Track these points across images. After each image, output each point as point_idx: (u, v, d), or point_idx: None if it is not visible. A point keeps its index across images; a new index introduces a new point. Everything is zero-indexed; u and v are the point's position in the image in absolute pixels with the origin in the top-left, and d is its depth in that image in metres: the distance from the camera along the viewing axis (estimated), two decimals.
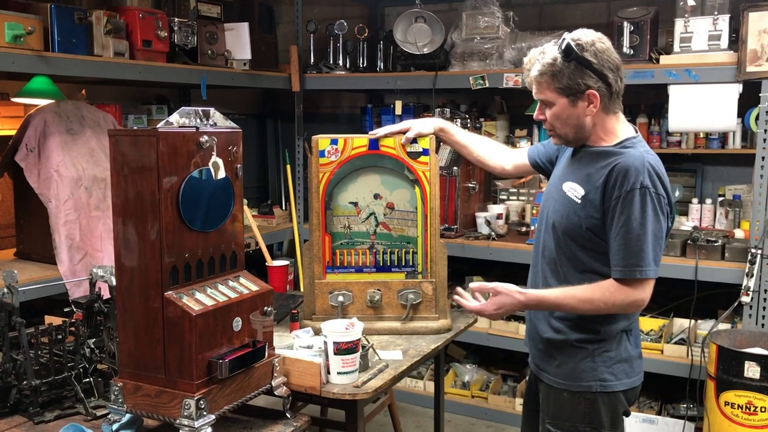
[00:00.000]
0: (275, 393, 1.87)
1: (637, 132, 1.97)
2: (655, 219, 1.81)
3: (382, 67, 4.39)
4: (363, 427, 2.12)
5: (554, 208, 1.99)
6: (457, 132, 2.48)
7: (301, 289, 2.59)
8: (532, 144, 3.89)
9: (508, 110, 4.29)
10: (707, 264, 3.24)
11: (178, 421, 1.62)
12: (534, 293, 1.96)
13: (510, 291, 1.95)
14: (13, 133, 2.97)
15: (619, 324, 1.94)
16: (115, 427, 1.73)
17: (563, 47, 1.84)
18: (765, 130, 3.09)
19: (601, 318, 1.92)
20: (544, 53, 1.89)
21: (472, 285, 2.06)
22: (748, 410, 2.77)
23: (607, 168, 1.86)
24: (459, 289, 2.10)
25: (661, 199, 1.83)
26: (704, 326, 3.45)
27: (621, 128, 1.95)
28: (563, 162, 2.08)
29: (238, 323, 1.73)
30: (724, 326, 3.28)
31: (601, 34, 1.91)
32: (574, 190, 1.93)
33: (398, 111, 4.28)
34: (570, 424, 1.97)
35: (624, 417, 2.00)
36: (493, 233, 3.77)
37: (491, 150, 2.47)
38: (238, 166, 1.80)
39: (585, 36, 1.86)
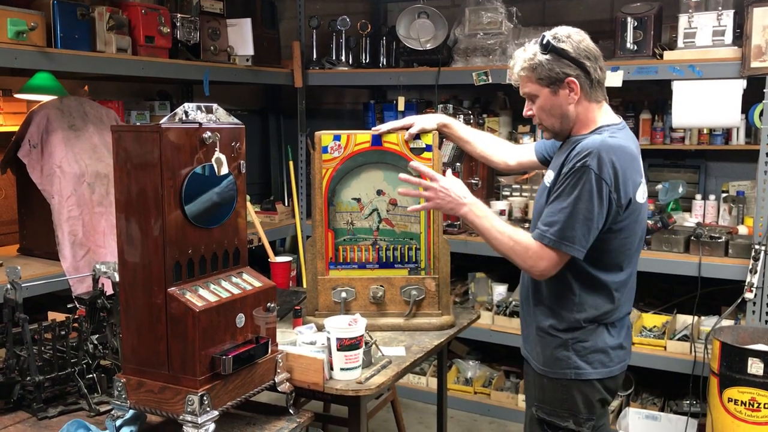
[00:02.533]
0: (278, 389, 1.87)
1: (620, 121, 2.01)
2: (588, 200, 1.84)
3: (384, 63, 4.38)
4: (366, 423, 2.12)
5: (536, 199, 2.08)
6: (460, 128, 2.48)
7: (304, 286, 2.59)
8: (535, 140, 3.89)
9: (511, 106, 4.28)
10: (711, 260, 3.24)
11: (181, 417, 1.62)
12: (479, 204, 2.03)
13: (457, 197, 2.04)
14: (16, 129, 2.97)
15: (590, 314, 1.97)
16: (118, 423, 1.73)
17: (541, 41, 1.94)
18: None
19: (573, 308, 1.97)
20: (525, 50, 2.00)
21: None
22: (751, 407, 2.77)
23: (569, 151, 1.93)
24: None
25: (603, 184, 1.83)
26: (707, 323, 3.45)
27: (602, 117, 1.99)
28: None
29: (241, 319, 1.73)
30: (727, 323, 3.27)
31: (580, 29, 1.99)
32: (548, 178, 2.01)
33: (401, 107, 4.27)
34: (551, 409, 2.03)
35: (601, 404, 2.04)
36: None
37: (495, 146, 2.48)
38: (241, 162, 1.80)
39: (562, 30, 1.96)
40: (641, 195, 1.94)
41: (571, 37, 1.93)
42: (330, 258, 2.46)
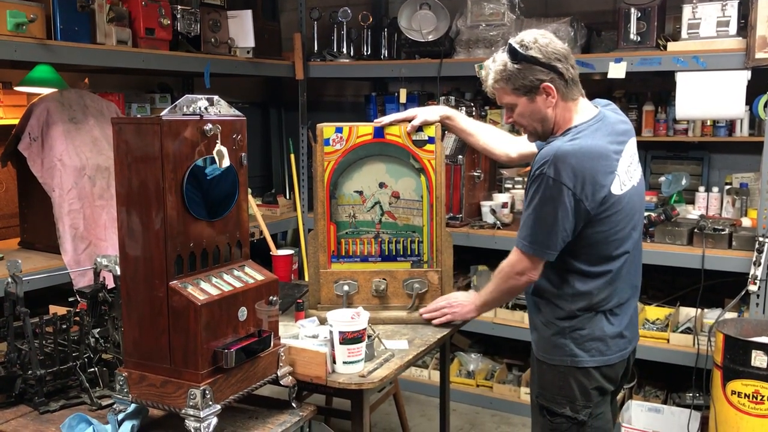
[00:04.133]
0: (281, 383, 1.87)
1: (594, 115, 1.99)
2: (550, 205, 1.89)
3: (386, 55, 4.36)
4: (368, 417, 2.11)
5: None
6: (463, 120, 2.47)
7: (306, 279, 2.58)
8: None
9: None
10: (714, 253, 3.22)
11: (183, 411, 1.61)
12: (479, 295, 2.28)
13: (461, 296, 2.34)
14: (16, 122, 2.96)
15: (584, 304, 1.99)
16: (120, 416, 1.73)
17: (508, 50, 1.95)
18: None
19: (569, 298, 2.00)
20: (495, 61, 2.00)
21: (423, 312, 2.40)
22: (755, 399, 2.76)
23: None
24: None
25: (563, 188, 1.87)
26: (711, 315, 3.44)
27: (578, 116, 2.00)
28: None
29: (243, 313, 1.72)
30: (730, 315, 3.26)
31: (544, 30, 2.00)
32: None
33: (403, 99, 4.25)
34: (550, 395, 2.07)
35: (599, 393, 2.05)
36: (498, 222, 3.75)
37: (497, 138, 2.49)
38: (243, 154, 1.79)
39: (527, 36, 1.96)
40: (618, 186, 1.94)
41: (538, 42, 1.93)
42: (332, 251, 2.45)
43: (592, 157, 1.90)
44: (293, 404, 1.90)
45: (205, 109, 1.69)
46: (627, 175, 1.98)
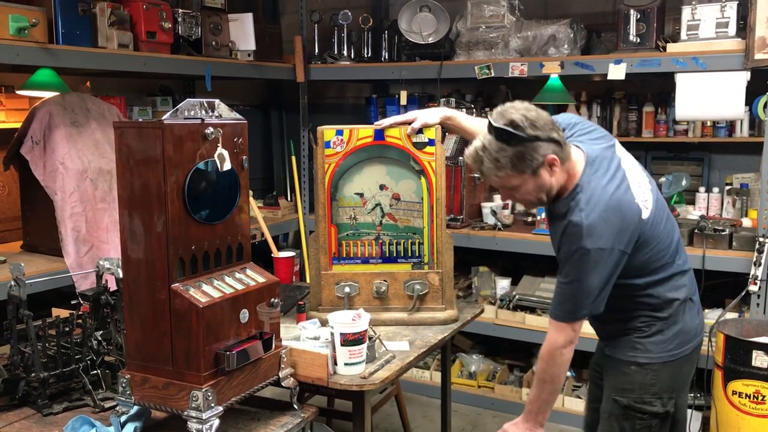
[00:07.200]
0: (282, 384, 1.88)
1: (585, 157, 1.93)
2: (594, 272, 1.85)
3: (386, 57, 4.37)
4: (370, 418, 2.12)
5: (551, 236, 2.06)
6: (464, 119, 2.47)
7: (308, 281, 2.59)
8: None
9: (514, 99, 4.25)
10: (714, 253, 3.23)
11: (185, 413, 1.62)
12: (525, 410, 2.05)
13: (510, 427, 2.07)
14: (18, 125, 2.97)
15: (676, 297, 2.00)
16: (123, 419, 1.74)
17: (502, 136, 1.83)
18: None
19: (659, 301, 1.99)
20: (485, 149, 1.87)
21: None
22: (755, 399, 2.76)
23: (561, 228, 1.91)
24: None
25: (604, 252, 1.84)
26: (711, 315, 3.43)
27: (576, 166, 1.93)
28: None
29: (244, 315, 1.73)
30: (731, 315, 3.26)
31: (517, 102, 1.90)
32: (551, 232, 2.02)
33: (403, 101, 4.26)
34: (637, 396, 2.02)
35: (684, 381, 2.08)
36: (499, 223, 3.76)
37: None
38: (244, 157, 1.80)
39: (513, 114, 1.85)
40: (645, 210, 1.92)
41: (528, 118, 1.83)
42: (333, 253, 2.46)
43: (615, 210, 1.86)
44: (295, 406, 1.90)
45: (207, 112, 1.70)
46: (640, 189, 1.95)
